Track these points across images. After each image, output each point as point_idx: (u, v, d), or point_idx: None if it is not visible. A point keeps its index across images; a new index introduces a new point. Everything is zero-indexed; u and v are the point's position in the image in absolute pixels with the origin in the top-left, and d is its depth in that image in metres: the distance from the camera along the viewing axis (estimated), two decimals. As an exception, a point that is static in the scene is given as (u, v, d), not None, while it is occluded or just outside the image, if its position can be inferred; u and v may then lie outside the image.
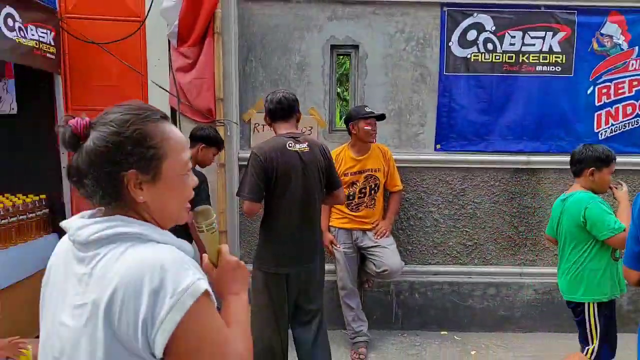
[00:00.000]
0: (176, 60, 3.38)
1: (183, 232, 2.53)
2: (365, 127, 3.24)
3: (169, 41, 3.39)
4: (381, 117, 3.34)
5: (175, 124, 3.40)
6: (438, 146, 3.72)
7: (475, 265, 3.79)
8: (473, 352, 3.46)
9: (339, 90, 4.41)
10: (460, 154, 3.72)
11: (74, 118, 0.94)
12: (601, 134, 3.67)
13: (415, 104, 3.69)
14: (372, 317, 3.68)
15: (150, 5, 3.32)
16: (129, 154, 0.91)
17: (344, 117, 3.49)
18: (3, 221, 3.04)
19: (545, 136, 3.70)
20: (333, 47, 3.63)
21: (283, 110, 2.49)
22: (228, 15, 3.39)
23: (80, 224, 0.91)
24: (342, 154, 3.38)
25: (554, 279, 3.72)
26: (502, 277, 3.77)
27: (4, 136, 3.43)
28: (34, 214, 3.33)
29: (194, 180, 1.03)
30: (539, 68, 3.64)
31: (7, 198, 3.24)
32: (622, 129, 3.68)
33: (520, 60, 3.63)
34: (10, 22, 2.71)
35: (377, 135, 3.48)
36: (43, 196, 3.44)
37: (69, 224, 0.95)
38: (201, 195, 2.71)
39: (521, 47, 3.61)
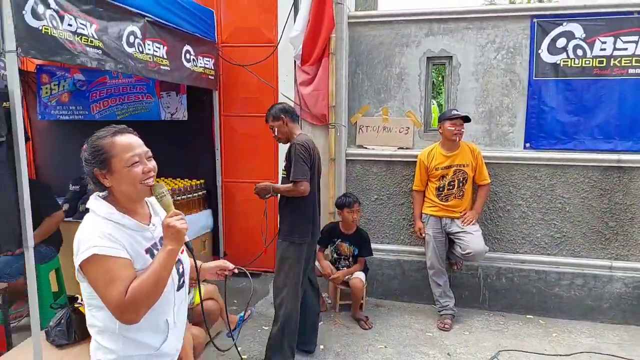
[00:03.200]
0: (299, 76, 4.43)
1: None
2: (449, 127, 3.91)
3: (294, 61, 4.45)
4: (466, 118, 3.98)
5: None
6: (527, 144, 4.22)
7: (564, 256, 4.20)
8: (554, 334, 3.91)
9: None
10: (549, 152, 4.16)
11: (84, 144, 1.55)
12: (700, 133, 3.84)
13: (505, 106, 4.24)
14: (461, 296, 4.32)
15: (282, 34, 4.44)
16: (91, 160, 1.51)
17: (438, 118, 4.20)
18: (176, 198, 4.38)
19: (638, 136, 3.97)
20: (429, 58, 4.36)
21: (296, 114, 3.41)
22: (341, 38, 4.32)
23: (90, 199, 1.56)
24: (433, 151, 4.10)
25: (644, 274, 4.01)
26: (590, 269, 4.12)
27: (178, 136, 4.82)
28: (196, 194, 4.66)
29: (147, 167, 1.52)
30: (631, 71, 3.93)
31: (180, 181, 4.60)
32: None
33: (612, 64, 3.96)
34: (187, 55, 3.98)
35: (468, 134, 4.14)
36: (202, 181, 4.76)
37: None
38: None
39: (612, 52, 3.95)
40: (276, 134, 3.30)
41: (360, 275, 4.07)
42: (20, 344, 2.73)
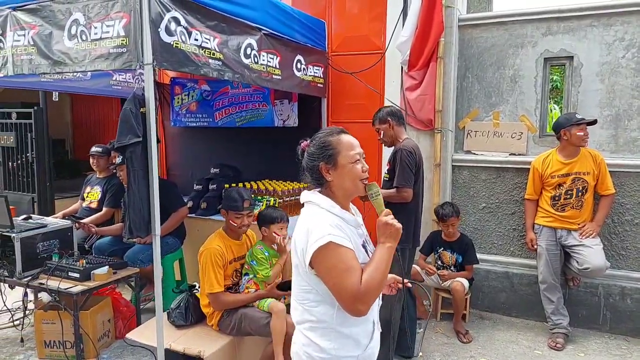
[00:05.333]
0: (406, 81, 4.36)
1: None
2: (578, 133, 3.56)
3: (401, 67, 4.39)
4: (593, 122, 3.60)
5: (403, 132, 4.40)
6: (662, 152, 3.70)
7: None
8: (693, 368, 3.36)
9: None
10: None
11: (305, 140, 1.66)
12: None
13: (636, 109, 3.75)
14: (577, 315, 3.90)
15: (389, 41, 4.42)
16: (318, 154, 1.57)
17: (553, 124, 3.85)
18: (285, 199, 4.55)
19: None
20: (546, 59, 4.02)
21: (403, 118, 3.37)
22: (450, 42, 4.17)
23: (304, 194, 1.64)
24: (549, 158, 3.76)
25: None
26: None
27: (289, 142, 4.99)
28: (303, 196, 4.80)
29: (365, 167, 1.57)
30: None
31: (289, 184, 4.79)
32: None
33: None
34: (299, 65, 4.14)
35: (591, 140, 3.75)
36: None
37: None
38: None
39: None
40: (382, 136, 3.30)
41: (463, 280, 3.86)
42: (146, 322, 3.04)
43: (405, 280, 1.81)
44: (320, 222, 1.47)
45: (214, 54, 2.93)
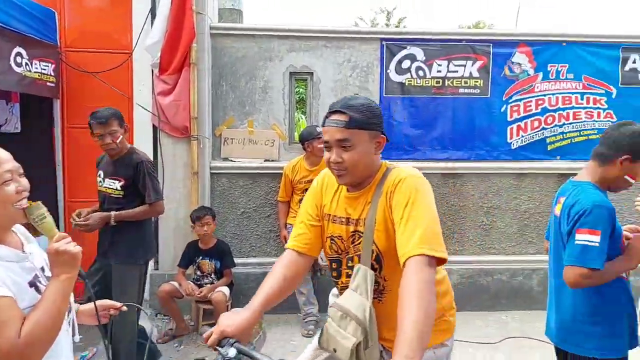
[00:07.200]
0: (157, 85, 3.95)
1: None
2: (319, 145, 3.81)
3: (152, 70, 3.96)
4: (332, 135, 3.96)
5: (156, 140, 3.99)
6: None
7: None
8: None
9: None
10: (397, 161, 4.30)
11: None
12: (513, 144, 4.35)
13: (361, 121, 4.31)
14: (325, 301, 4.25)
15: (137, 40, 3.93)
16: None
17: (299, 135, 4.09)
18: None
19: (467, 147, 4.35)
20: (292, 73, 4.24)
21: None
22: (202, 48, 3.96)
23: None
24: (297, 165, 3.96)
25: (476, 266, 4.41)
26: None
27: (10, 151, 3.93)
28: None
29: (21, 186, 1.25)
30: (461, 90, 4.31)
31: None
32: (530, 140, 4.36)
33: (446, 84, 4.30)
34: (18, 59, 3.26)
35: (329, 147, 4.12)
36: (38, 202, 3.94)
37: None
38: None
39: (446, 74, 4.28)
40: (117, 142, 2.79)
41: (224, 289, 3.75)
42: None
43: (119, 304, 1.56)
44: None
45: None
